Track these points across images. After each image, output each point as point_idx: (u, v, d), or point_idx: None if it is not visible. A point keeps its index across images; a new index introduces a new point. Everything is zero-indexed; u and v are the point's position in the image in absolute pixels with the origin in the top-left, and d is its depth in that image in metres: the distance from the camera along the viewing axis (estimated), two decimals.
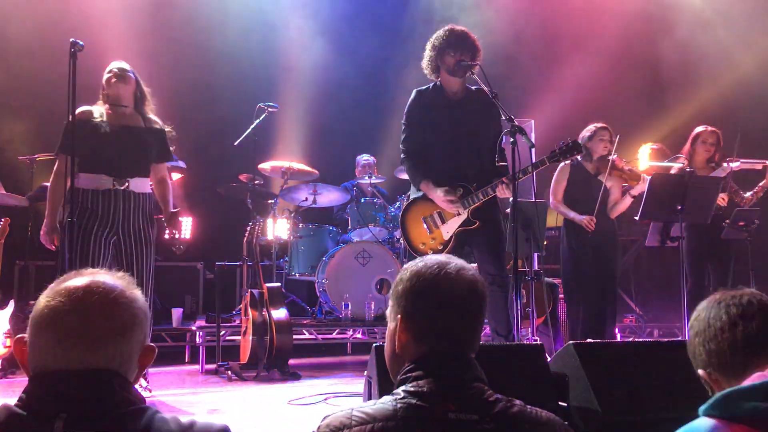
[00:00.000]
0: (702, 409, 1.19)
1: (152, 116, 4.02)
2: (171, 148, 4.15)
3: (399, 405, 1.22)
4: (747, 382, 1.20)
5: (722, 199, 4.95)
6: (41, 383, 1.14)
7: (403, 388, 1.27)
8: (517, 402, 1.27)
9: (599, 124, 4.95)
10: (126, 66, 3.97)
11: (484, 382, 1.30)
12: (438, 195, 3.90)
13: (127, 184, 3.84)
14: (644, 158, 6.15)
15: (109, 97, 3.91)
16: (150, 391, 3.89)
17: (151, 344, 1.27)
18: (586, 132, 4.92)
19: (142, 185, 3.93)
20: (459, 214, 3.90)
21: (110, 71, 3.92)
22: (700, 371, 1.33)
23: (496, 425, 1.22)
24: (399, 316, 1.34)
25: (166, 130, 4.09)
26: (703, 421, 1.17)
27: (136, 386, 3.52)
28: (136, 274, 3.77)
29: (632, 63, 7.91)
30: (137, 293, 1.25)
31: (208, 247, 6.78)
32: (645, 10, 7.94)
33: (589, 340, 4.96)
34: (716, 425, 1.14)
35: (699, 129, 5.27)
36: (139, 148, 3.92)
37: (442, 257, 1.38)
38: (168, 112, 4.36)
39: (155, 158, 4.04)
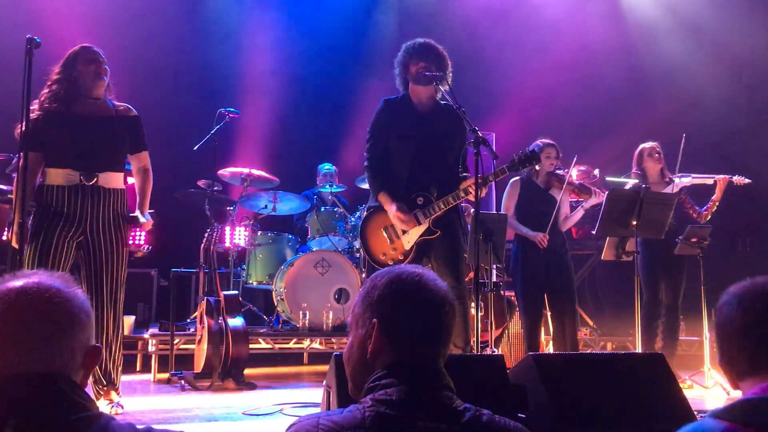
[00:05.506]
0: (715, 411, 1.18)
1: (123, 103, 3.75)
2: None
3: (367, 413, 1.21)
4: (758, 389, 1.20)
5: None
6: None
7: (371, 396, 1.25)
8: (486, 411, 1.27)
9: (546, 140, 5.03)
10: (103, 57, 3.65)
11: (453, 391, 1.29)
12: (391, 209, 3.84)
13: (96, 179, 3.55)
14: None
15: (80, 88, 3.60)
16: (122, 408, 3.62)
17: (97, 344, 1.23)
18: (533, 147, 4.98)
19: (113, 180, 3.62)
20: (420, 224, 3.88)
21: (90, 61, 3.61)
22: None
23: None
24: (375, 321, 1.33)
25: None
26: (714, 423, 1.16)
27: (108, 401, 3.32)
28: (106, 274, 3.56)
29: (591, 79, 8.09)
30: (76, 292, 1.21)
31: (162, 254, 6.62)
32: (604, 25, 8.14)
33: (548, 352, 5.03)
34: (728, 427, 1.13)
35: (642, 145, 5.40)
36: (110, 139, 3.62)
37: (416, 267, 1.40)
38: None
39: (131, 149, 3.75)
